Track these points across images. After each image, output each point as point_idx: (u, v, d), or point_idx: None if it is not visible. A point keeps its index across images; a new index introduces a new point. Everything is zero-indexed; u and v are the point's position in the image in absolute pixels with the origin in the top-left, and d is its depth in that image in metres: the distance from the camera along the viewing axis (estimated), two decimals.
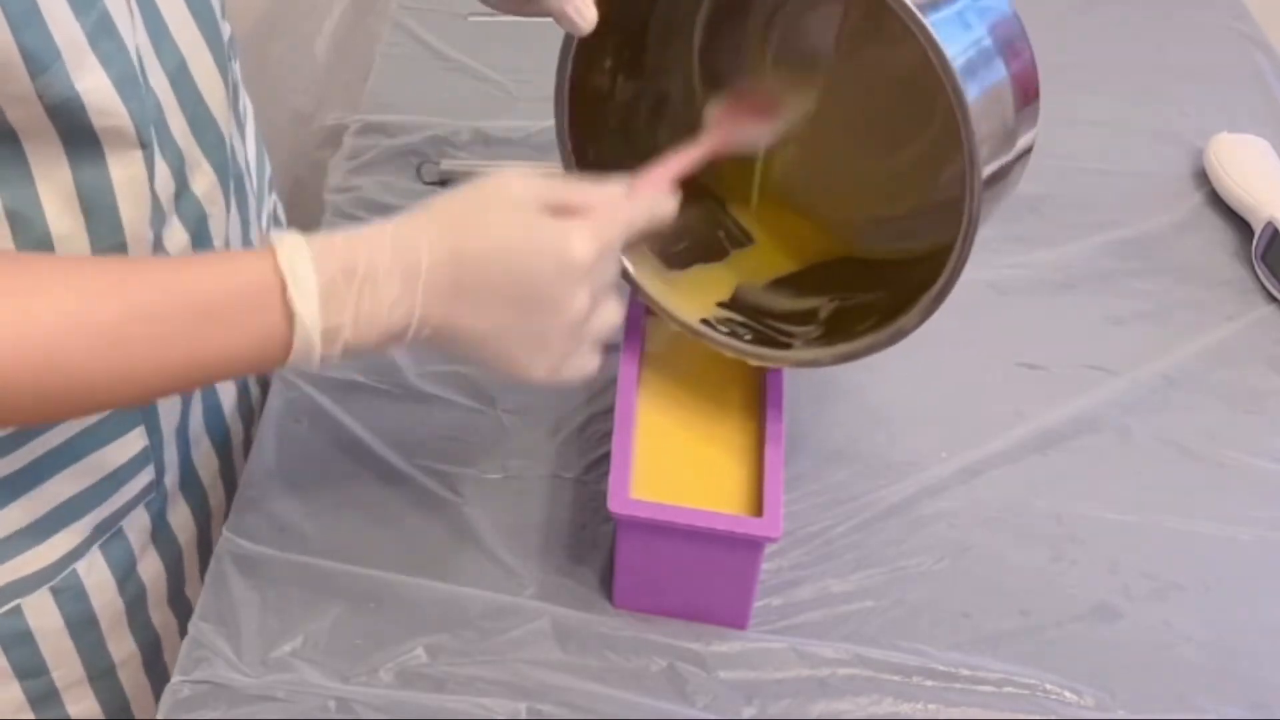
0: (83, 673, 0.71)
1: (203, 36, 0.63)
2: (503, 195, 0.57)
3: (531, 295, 0.56)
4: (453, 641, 0.66)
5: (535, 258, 0.55)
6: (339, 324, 0.53)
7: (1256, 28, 1.15)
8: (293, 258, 0.53)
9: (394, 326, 0.54)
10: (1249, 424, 0.80)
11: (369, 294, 0.54)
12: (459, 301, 0.55)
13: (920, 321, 0.61)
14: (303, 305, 0.53)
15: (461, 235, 0.56)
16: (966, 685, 0.66)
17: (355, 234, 0.55)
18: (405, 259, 0.54)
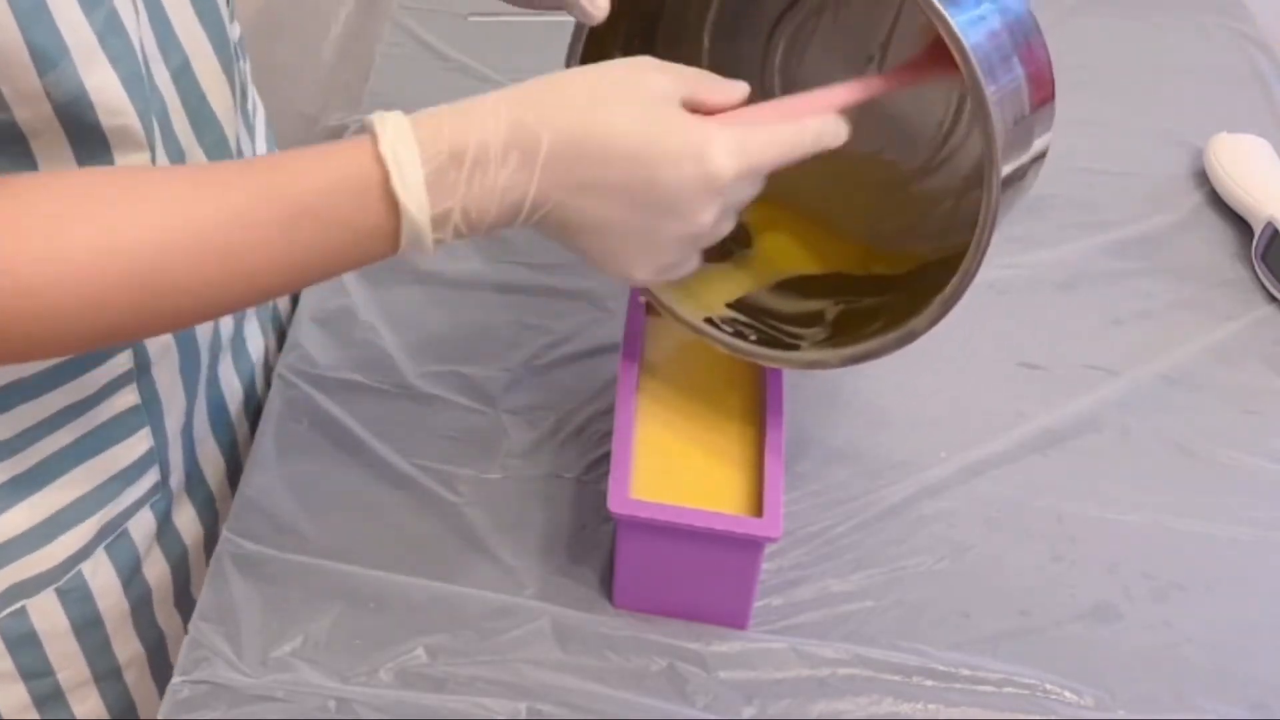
0: (88, 674, 0.71)
1: (207, 35, 0.63)
2: (639, 83, 0.53)
3: (658, 201, 0.52)
4: (453, 641, 0.66)
5: (668, 162, 0.52)
6: (448, 209, 0.51)
7: (1256, 28, 1.15)
8: (395, 144, 0.51)
9: (505, 212, 0.52)
10: (1249, 424, 0.80)
11: (479, 178, 0.51)
12: (579, 193, 0.52)
13: (931, 324, 0.60)
14: (407, 195, 0.50)
15: (588, 123, 0.52)
16: (966, 685, 0.66)
17: (466, 109, 0.53)
18: (522, 142, 0.52)
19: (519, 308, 0.85)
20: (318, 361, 0.80)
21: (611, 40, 0.64)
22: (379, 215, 0.51)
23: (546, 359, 0.81)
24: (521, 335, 0.83)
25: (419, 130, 0.51)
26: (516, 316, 0.85)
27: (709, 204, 0.53)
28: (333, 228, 0.51)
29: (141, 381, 0.66)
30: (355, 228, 0.51)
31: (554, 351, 0.82)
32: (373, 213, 0.51)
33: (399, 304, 0.85)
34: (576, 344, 0.82)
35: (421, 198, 0.50)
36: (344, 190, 0.51)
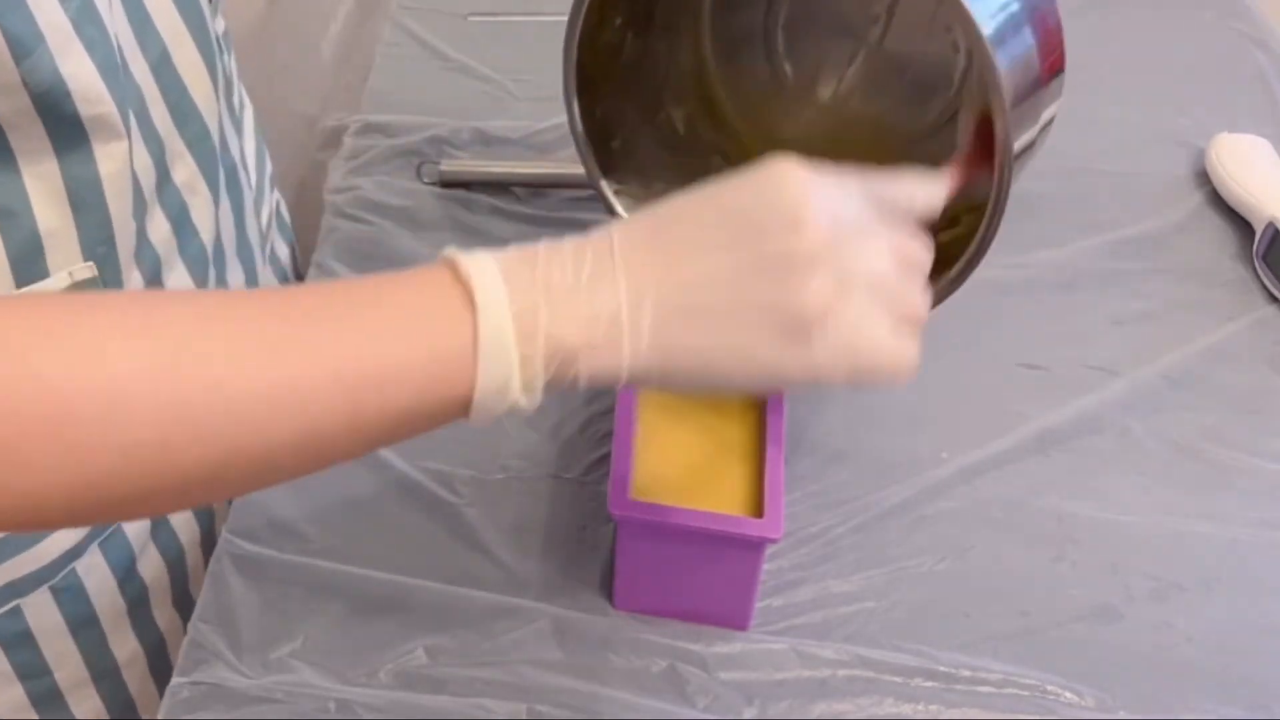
0: (86, 673, 0.71)
1: (186, 27, 0.63)
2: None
3: (741, 220, 0.46)
4: (453, 642, 0.66)
5: (738, 186, 0.47)
6: (532, 304, 0.44)
7: (1256, 28, 1.15)
8: (462, 252, 0.46)
9: (597, 307, 0.45)
10: (1249, 424, 0.80)
11: (558, 264, 0.45)
12: (666, 250, 0.46)
13: (940, 301, 0.59)
14: (479, 273, 0.44)
15: (646, 210, 0.48)
16: (967, 686, 0.66)
17: (525, 244, 0.47)
18: (592, 237, 0.47)
19: None
20: None
21: (613, 9, 0.64)
22: (449, 310, 0.44)
23: None
24: None
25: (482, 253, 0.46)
26: None
27: (808, 204, 0.46)
28: (398, 326, 0.44)
29: None
30: (422, 326, 0.44)
31: None
32: (442, 306, 0.44)
33: None
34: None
35: (496, 278, 0.44)
36: (410, 282, 0.45)
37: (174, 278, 0.67)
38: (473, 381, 0.44)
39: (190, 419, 0.41)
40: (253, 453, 0.43)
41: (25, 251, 0.58)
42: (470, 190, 0.93)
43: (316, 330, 0.43)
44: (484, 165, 0.94)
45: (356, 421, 0.44)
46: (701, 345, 0.46)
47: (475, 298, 0.44)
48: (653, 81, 0.71)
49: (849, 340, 0.46)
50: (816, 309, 0.45)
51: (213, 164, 0.68)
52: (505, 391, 0.45)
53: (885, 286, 0.48)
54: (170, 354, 0.42)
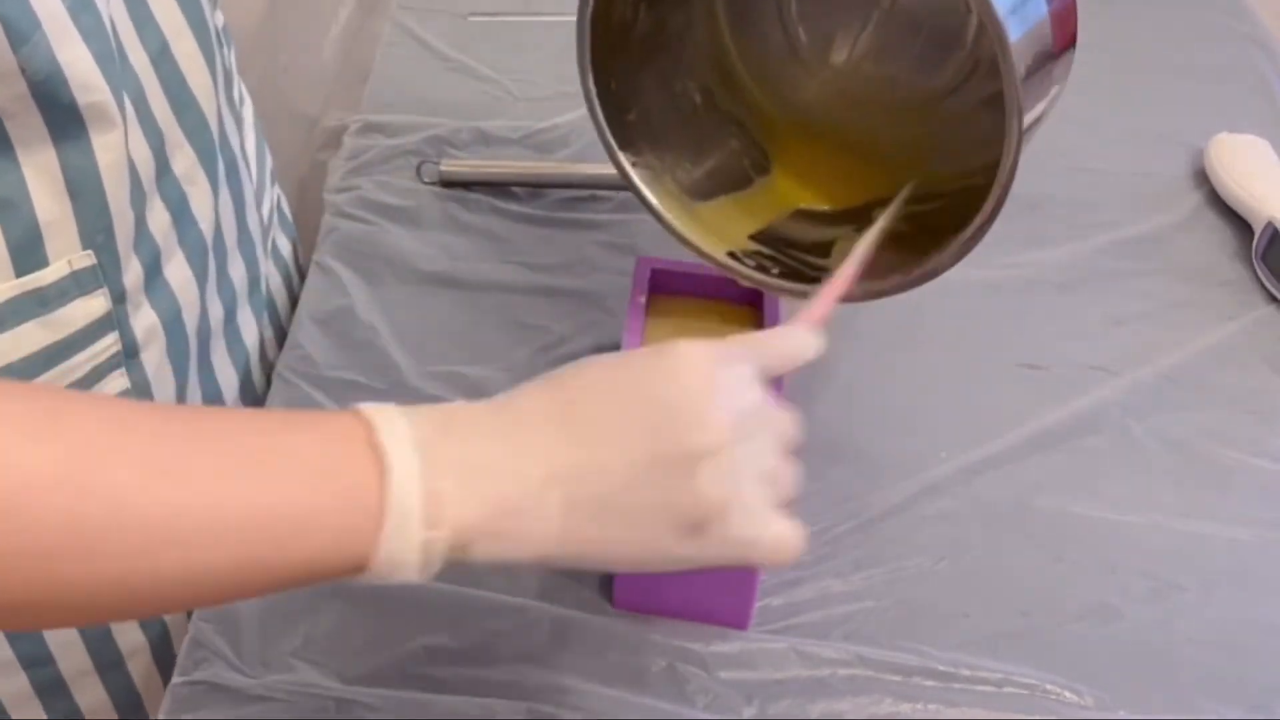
0: (89, 663, 0.71)
1: (186, 20, 0.64)
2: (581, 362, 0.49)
3: (656, 406, 0.47)
4: (453, 641, 0.66)
5: (647, 371, 0.48)
6: (440, 487, 0.44)
7: (1256, 28, 1.15)
8: (377, 409, 0.45)
9: (505, 493, 0.45)
10: (1249, 424, 0.80)
11: (473, 438, 0.45)
12: (577, 440, 0.46)
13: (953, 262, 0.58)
14: (394, 446, 0.44)
15: (556, 378, 0.48)
16: (966, 685, 0.66)
17: (440, 405, 0.47)
18: (509, 405, 0.47)
19: (519, 308, 0.85)
20: (318, 361, 0.80)
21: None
22: (360, 473, 0.44)
23: (546, 359, 0.81)
24: (521, 335, 0.83)
25: (399, 408, 0.46)
26: (516, 316, 0.85)
27: (711, 401, 0.47)
28: (307, 477, 0.43)
29: (130, 365, 0.66)
30: (330, 483, 0.43)
31: (554, 351, 0.82)
32: (353, 467, 0.44)
33: (399, 304, 0.85)
34: (576, 344, 0.82)
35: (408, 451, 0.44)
36: (323, 436, 0.44)
37: (173, 267, 0.68)
38: (371, 553, 0.44)
39: (83, 535, 0.40)
40: (137, 581, 0.42)
41: (24, 241, 0.58)
42: (470, 190, 0.94)
43: (224, 465, 0.42)
44: (484, 165, 0.94)
45: (246, 567, 0.43)
46: (603, 538, 0.47)
47: (387, 472, 0.43)
48: (668, 54, 0.70)
49: (740, 533, 0.48)
50: (713, 507, 0.47)
51: (212, 155, 0.68)
52: (401, 567, 0.44)
53: (771, 474, 0.49)
54: (74, 463, 0.40)
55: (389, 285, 0.86)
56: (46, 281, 0.59)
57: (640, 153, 0.68)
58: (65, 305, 0.61)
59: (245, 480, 0.42)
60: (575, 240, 0.90)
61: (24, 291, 0.59)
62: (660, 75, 0.70)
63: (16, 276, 0.59)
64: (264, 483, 0.43)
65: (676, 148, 0.70)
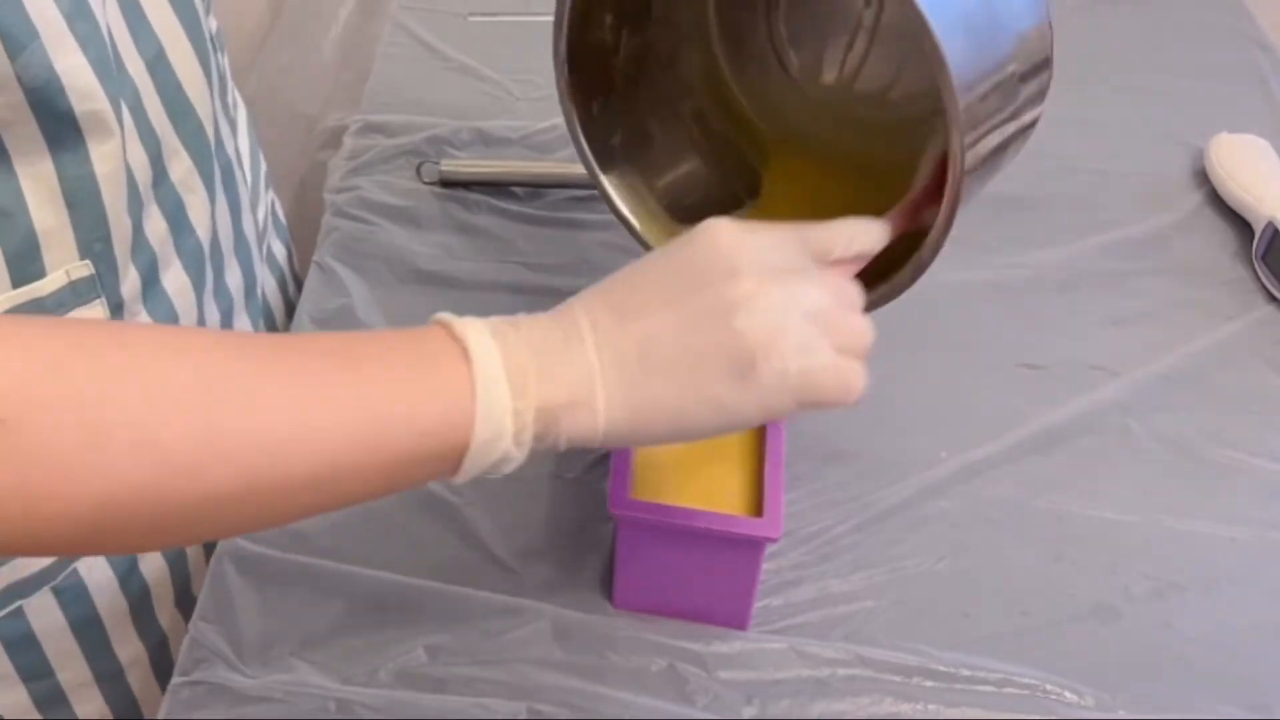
0: (89, 674, 0.71)
1: (181, 26, 0.64)
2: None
3: (683, 276, 0.50)
4: (453, 642, 0.66)
5: (680, 246, 0.51)
6: (521, 362, 0.48)
7: (1256, 28, 1.15)
8: (449, 315, 0.49)
9: (575, 370, 0.49)
10: (1249, 424, 0.80)
11: (538, 330, 0.49)
12: (622, 315, 0.49)
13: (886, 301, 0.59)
14: (474, 334, 0.48)
15: (608, 278, 0.52)
16: (966, 685, 0.66)
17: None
18: (560, 308, 0.51)
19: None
20: None
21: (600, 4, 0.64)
22: (444, 357, 0.47)
23: None
24: None
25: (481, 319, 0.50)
26: None
27: (740, 254, 0.50)
28: (396, 371, 0.47)
29: None
30: (420, 374, 0.47)
31: None
32: (437, 352, 0.48)
33: (399, 304, 0.85)
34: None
35: (486, 336, 0.48)
36: (405, 337, 0.49)
37: (170, 275, 0.67)
38: (470, 431, 0.47)
39: (219, 442, 0.43)
40: (269, 484, 0.44)
41: (22, 250, 0.58)
42: (470, 190, 0.93)
43: (333, 374, 0.46)
44: (484, 165, 0.94)
45: (365, 463, 0.46)
46: (664, 395, 0.49)
47: (470, 353, 0.47)
48: (658, 77, 0.70)
49: (793, 367, 0.49)
50: (758, 343, 0.49)
51: (208, 161, 0.68)
52: (498, 441, 0.47)
53: (822, 316, 0.51)
54: (205, 377, 0.43)
55: (389, 285, 0.86)
56: (44, 292, 0.59)
57: (625, 175, 0.68)
58: (63, 315, 0.60)
59: (355, 387, 0.46)
60: (575, 240, 0.90)
61: (22, 302, 0.59)
62: (650, 98, 0.69)
63: (14, 287, 0.58)
64: (371, 388, 0.46)
65: (664, 170, 0.70)
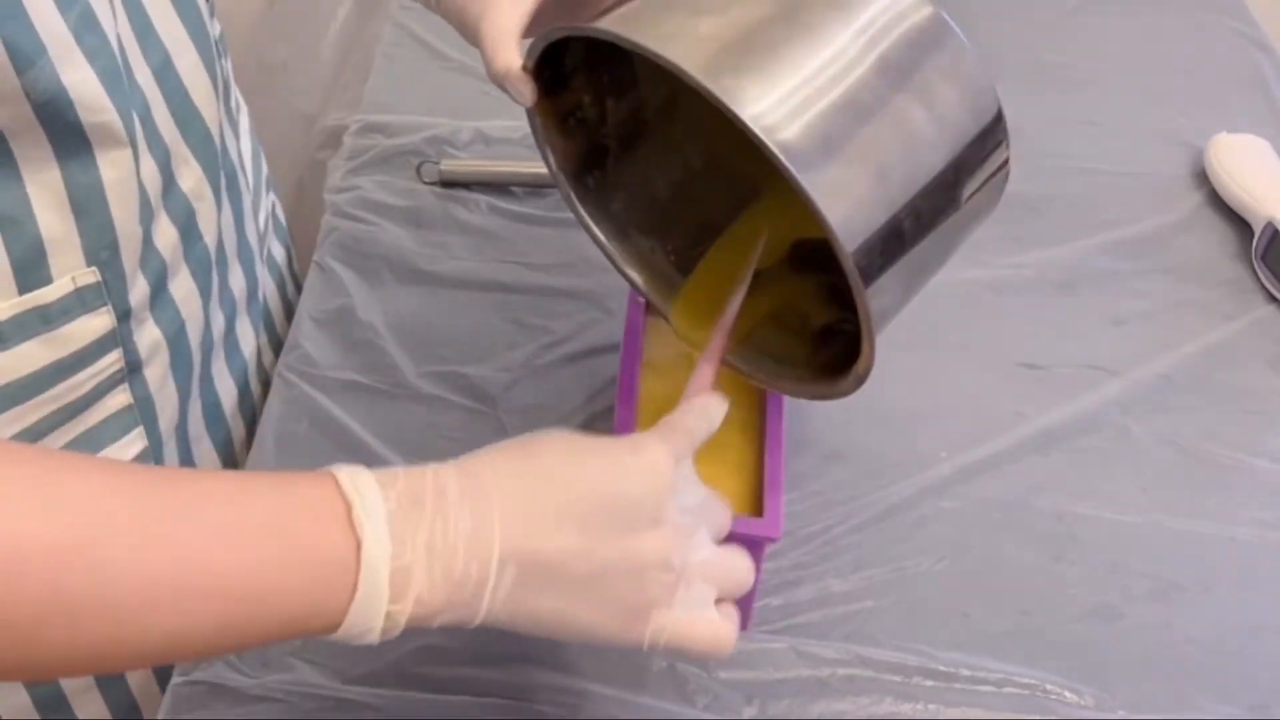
0: (91, 678, 0.71)
1: (187, 32, 0.63)
2: (550, 433, 0.52)
3: (617, 503, 0.50)
4: (453, 641, 0.66)
5: (610, 462, 0.51)
6: (408, 564, 0.47)
7: (1256, 28, 1.15)
8: (352, 478, 0.48)
9: (467, 572, 0.48)
10: (1249, 424, 0.80)
11: (441, 517, 0.48)
12: (538, 522, 0.49)
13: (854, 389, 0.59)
14: (368, 524, 0.46)
15: (526, 450, 0.51)
16: (966, 685, 0.66)
17: (417, 468, 0.50)
18: (471, 476, 0.50)
19: (519, 308, 0.85)
20: (318, 361, 0.80)
21: (572, 97, 0.62)
22: (335, 548, 0.46)
23: (546, 359, 0.81)
24: (521, 335, 0.83)
25: (375, 474, 0.48)
26: (516, 316, 0.85)
27: (667, 496, 0.51)
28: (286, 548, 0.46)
29: (133, 381, 0.65)
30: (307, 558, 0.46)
31: (554, 351, 0.82)
32: (329, 543, 0.46)
33: (399, 304, 0.85)
34: (576, 344, 0.82)
35: (381, 531, 0.46)
36: (302, 507, 0.46)
37: (178, 282, 0.67)
38: (340, 621, 0.46)
39: (69, 605, 0.42)
40: (121, 644, 0.43)
41: (28, 258, 0.58)
42: (470, 190, 0.94)
43: (209, 535, 0.44)
44: (484, 165, 0.94)
45: (227, 628, 0.45)
46: (547, 612, 0.49)
47: (363, 552, 0.46)
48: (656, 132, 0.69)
49: (677, 627, 0.51)
50: (658, 598, 0.51)
51: (215, 168, 0.68)
52: (366, 634, 0.47)
53: (715, 568, 0.53)
54: (66, 536, 0.42)
55: (389, 285, 0.86)
56: (50, 299, 0.59)
57: (628, 237, 0.67)
58: (68, 323, 0.60)
59: (229, 550, 0.44)
60: (575, 240, 0.90)
61: (27, 309, 0.58)
62: (649, 155, 0.68)
63: (19, 294, 0.58)
64: (247, 552, 0.45)
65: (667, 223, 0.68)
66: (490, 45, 0.57)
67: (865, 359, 0.56)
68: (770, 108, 0.49)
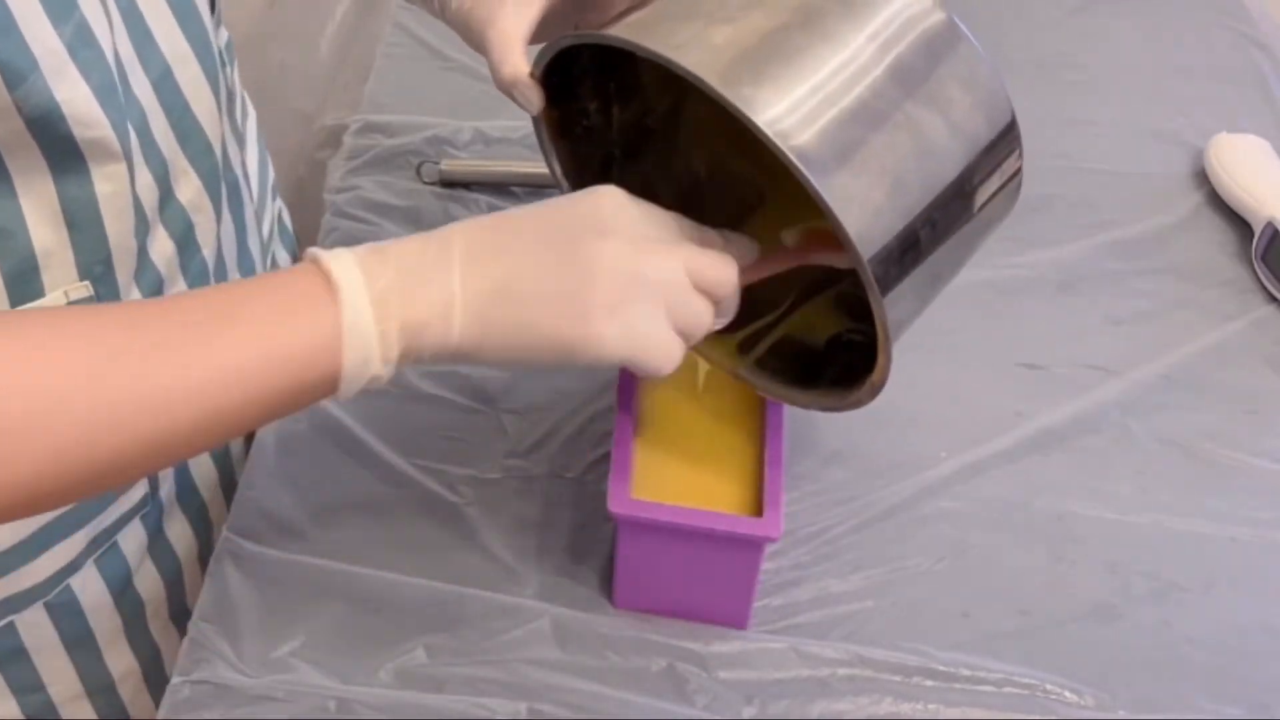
0: (80, 688, 0.70)
1: (189, 44, 0.62)
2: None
3: (562, 224, 0.54)
4: (453, 641, 0.66)
5: (566, 201, 0.55)
6: (385, 289, 0.51)
7: (1256, 28, 1.15)
8: (318, 249, 0.52)
9: (436, 290, 0.52)
10: (1249, 424, 0.80)
11: (406, 255, 0.52)
12: (494, 242, 0.53)
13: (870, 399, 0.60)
14: (340, 267, 0.51)
15: (497, 213, 0.56)
16: (966, 685, 0.66)
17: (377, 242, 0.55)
18: (438, 231, 0.54)
19: None
20: None
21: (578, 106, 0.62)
22: (312, 297, 0.51)
23: None
24: None
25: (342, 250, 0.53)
26: None
27: (619, 217, 0.54)
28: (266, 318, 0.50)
29: None
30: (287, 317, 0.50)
31: None
32: (304, 291, 0.51)
33: None
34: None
35: (351, 265, 0.51)
36: (273, 280, 0.52)
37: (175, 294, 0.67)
38: (340, 358, 0.50)
39: (113, 418, 0.47)
40: (161, 440, 0.49)
41: (20, 270, 0.57)
42: (470, 190, 0.93)
43: (211, 330, 0.49)
44: (484, 165, 0.94)
45: (246, 404, 0.50)
46: (512, 324, 0.53)
47: (337, 287, 0.50)
48: (661, 138, 0.69)
49: (630, 331, 0.53)
50: (604, 302, 0.53)
51: (215, 180, 0.67)
52: (368, 364, 0.51)
53: (670, 294, 0.54)
54: (95, 357, 0.47)
55: None
56: None
57: None
58: None
59: (232, 339, 0.49)
60: None
61: None
62: (655, 163, 0.68)
63: (12, 306, 0.58)
64: (246, 337, 0.49)
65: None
66: (497, 52, 0.58)
67: (881, 370, 0.56)
68: (786, 114, 0.50)
